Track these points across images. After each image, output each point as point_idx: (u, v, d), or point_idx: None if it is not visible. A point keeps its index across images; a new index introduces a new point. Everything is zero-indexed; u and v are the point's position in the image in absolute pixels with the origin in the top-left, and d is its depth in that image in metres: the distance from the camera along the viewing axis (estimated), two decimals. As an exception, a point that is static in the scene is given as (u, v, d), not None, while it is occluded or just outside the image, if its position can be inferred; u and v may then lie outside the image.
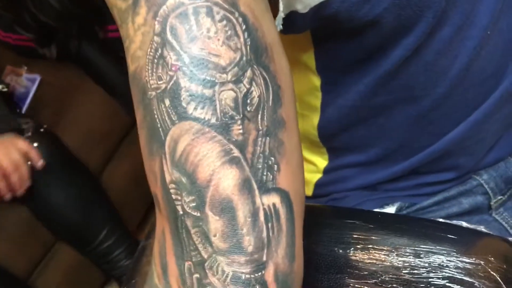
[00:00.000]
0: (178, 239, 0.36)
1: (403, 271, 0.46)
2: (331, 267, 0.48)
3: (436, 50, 0.49)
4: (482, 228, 0.50)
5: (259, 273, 0.35)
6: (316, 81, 0.56)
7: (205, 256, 0.35)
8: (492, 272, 0.44)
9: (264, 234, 0.35)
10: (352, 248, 0.49)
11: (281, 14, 0.43)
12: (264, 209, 0.35)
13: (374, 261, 0.47)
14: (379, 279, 0.46)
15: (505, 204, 0.64)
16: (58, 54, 1.37)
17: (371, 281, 0.46)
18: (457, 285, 0.44)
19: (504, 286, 0.44)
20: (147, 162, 0.37)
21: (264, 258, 0.35)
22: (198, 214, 0.35)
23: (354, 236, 0.49)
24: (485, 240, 0.48)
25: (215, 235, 0.35)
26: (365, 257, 0.48)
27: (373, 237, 0.48)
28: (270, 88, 0.36)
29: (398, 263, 0.46)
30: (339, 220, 0.51)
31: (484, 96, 0.54)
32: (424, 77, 0.51)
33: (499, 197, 0.63)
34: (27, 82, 1.46)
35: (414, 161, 0.59)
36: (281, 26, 0.44)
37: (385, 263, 0.47)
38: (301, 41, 0.52)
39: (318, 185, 0.67)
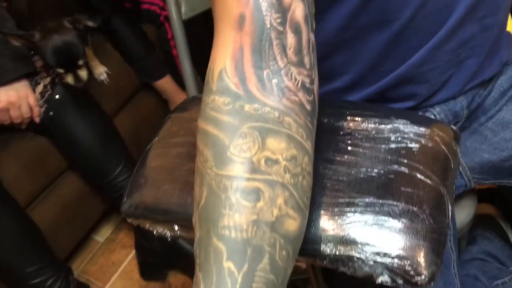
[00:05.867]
0: (259, 52, 0.46)
1: (372, 132, 0.61)
2: (324, 131, 0.63)
3: None
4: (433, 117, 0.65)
5: (313, 85, 0.48)
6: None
7: (282, 65, 0.46)
8: (435, 137, 0.60)
9: (312, 59, 0.48)
10: (338, 118, 0.64)
11: None
12: (312, 42, 0.48)
13: (351, 125, 0.62)
14: (353, 135, 0.61)
15: None
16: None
17: (347, 137, 0.61)
18: (408, 140, 0.59)
19: (441, 144, 0.59)
20: None
21: (312, 76, 0.48)
22: (281, 29, 0.46)
23: (342, 111, 0.64)
24: (435, 122, 0.62)
25: (290, 49, 0.46)
26: (345, 124, 0.63)
27: (354, 111, 0.64)
28: None
29: (367, 127, 0.61)
30: (335, 103, 0.67)
31: (439, 25, 0.64)
32: (394, 2, 0.62)
33: None
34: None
35: (381, 85, 0.70)
36: None
37: (357, 127, 0.62)
38: None
39: None
